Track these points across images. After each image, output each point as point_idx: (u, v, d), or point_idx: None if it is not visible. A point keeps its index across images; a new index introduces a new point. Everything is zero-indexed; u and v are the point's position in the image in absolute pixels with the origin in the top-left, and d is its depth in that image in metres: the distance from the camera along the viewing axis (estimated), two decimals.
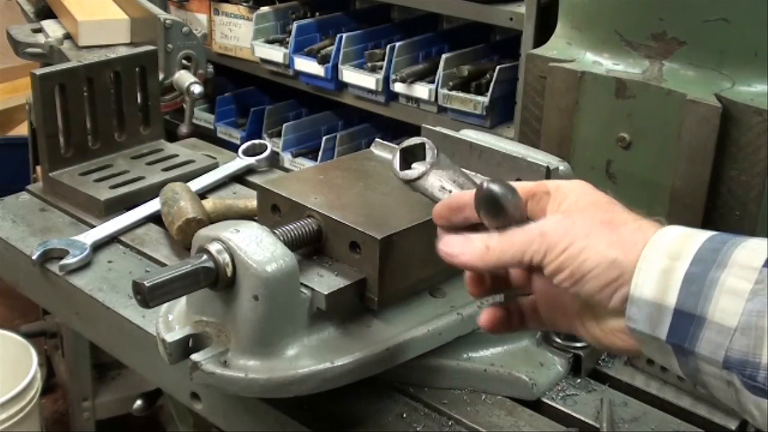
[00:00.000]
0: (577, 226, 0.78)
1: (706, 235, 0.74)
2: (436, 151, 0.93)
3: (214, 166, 1.74)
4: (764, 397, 0.68)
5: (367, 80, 2.74)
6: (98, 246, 1.48)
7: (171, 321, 1.10)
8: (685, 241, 0.74)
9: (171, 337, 1.04)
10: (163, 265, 1.43)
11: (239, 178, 1.76)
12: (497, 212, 0.81)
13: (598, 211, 0.79)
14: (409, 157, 0.94)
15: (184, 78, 2.08)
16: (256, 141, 1.82)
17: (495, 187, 0.80)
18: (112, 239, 1.51)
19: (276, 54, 2.96)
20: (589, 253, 0.76)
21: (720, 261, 0.71)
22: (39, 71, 1.61)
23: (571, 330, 0.86)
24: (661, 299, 0.72)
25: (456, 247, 0.83)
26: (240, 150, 1.79)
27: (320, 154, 2.98)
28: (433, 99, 2.60)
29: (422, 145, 0.93)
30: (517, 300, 0.91)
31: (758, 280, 0.69)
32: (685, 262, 0.72)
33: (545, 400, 1.16)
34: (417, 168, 0.93)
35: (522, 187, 0.84)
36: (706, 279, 0.71)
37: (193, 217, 1.45)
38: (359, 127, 3.17)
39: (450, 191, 0.91)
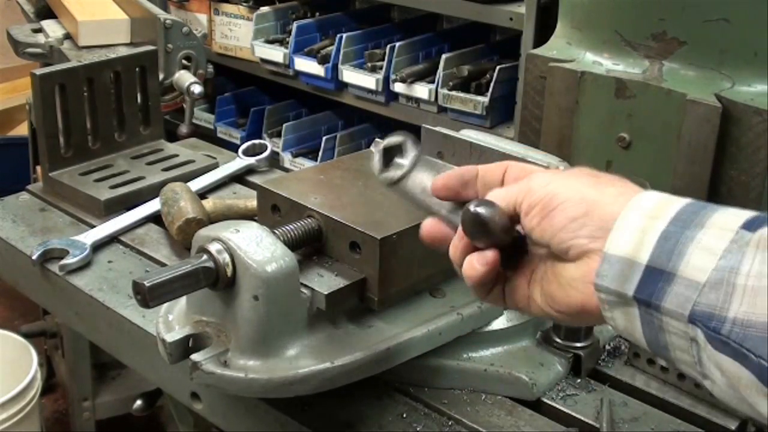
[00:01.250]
0: (562, 175, 0.81)
1: (687, 200, 0.74)
2: (416, 150, 0.88)
3: (214, 166, 1.74)
4: (725, 352, 0.67)
5: (367, 80, 2.74)
6: (98, 246, 1.48)
7: (171, 321, 1.10)
8: (666, 204, 0.74)
9: (171, 337, 1.04)
10: (163, 265, 1.43)
11: (239, 178, 1.76)
12: (483, 234, 0.81)
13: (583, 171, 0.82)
14: (391, 156, 0.88)
15: (184, 78, 2.08)
16: (256, 141, 1.82)
17: (482, 210, 0.79)
18: (112, 239, 1.51)
19: (276, 54, 2.96)
20: (563, 186, 0.78)
21: (698, 221, 0.71)
22: (39, 71, 1.61)
23: (527, 304, 0.85)
24: (634, 255, 0.72)
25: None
26: (240, 150, 1.79)
27: (320, 154, 2.98)
28: (433, 99, 2.60)
29: (400, 145, 0.87)
30: None
31: (734, 239, 0.69)
32: (663, 221, 0.72)
33: (545, 400, 1.16)
34: (395, 170, 0.87)
35: (507, 197, 0.83)
36: (682, 236, 0.70)
37: (193, 217, 1.45)
38: (359, 127, 3.17)
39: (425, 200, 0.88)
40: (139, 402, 2.48)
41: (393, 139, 0.88)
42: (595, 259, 0.75)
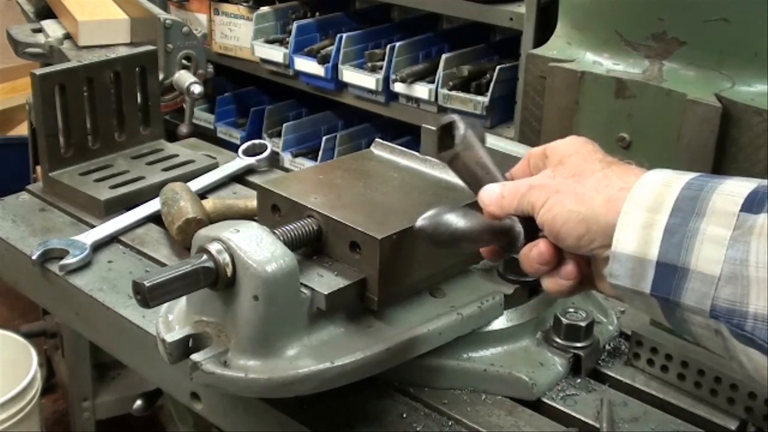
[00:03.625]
0: (553, 181, 0.84)
1: (683, 181, 0.75)
2: (463, 131, 0.94)
3: (214, 166, 1.74)
4: (751, 346, 0.68)
5: (367, 80, 2.74)
6: (98, 246, 1.48)
7: (171, 321, 1.10)
8: (663, 193, 0.75)
9: (171, 337, 1.04)
10: (163, 265, 1.43)
11: (239, 178, 1.76)
12: (442, 243, 0.88)
13: (575, 163, 0.86)
14: (446, 136, 0.96)
15: (184, 78, 2.08)
16: (256, 141, 1.82)
17: (424, 224, 0.87)
18: (112, 239, 1.51)
19: (276, 54, 2.96)
20: (558, 209, 0.81)
21: (699, 209, 0.72)
22: (39, 71, 1.61)
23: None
24: (642, 253, 0.74)
25: (486, 197, 0.91)
26: (240, 150, 1.79)
27: (320, 154, 2.99)
28: (433, 99, 2.60)
29: (452, 124, 0.95)
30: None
31: (737, 225, 0.70)
32: (664, 214, 0.73)
33: (545, 400, 1.16)
34: (448, 152, 0.95)
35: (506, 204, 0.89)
36: (687, 229, 0.71)
37: (193, 217, 1.45)
38: (359, 127, 3.17)
39: (477, 174, 0.94)
40: (139, 402, 2.48)
41: (444, 119, 0.96)
42: None
